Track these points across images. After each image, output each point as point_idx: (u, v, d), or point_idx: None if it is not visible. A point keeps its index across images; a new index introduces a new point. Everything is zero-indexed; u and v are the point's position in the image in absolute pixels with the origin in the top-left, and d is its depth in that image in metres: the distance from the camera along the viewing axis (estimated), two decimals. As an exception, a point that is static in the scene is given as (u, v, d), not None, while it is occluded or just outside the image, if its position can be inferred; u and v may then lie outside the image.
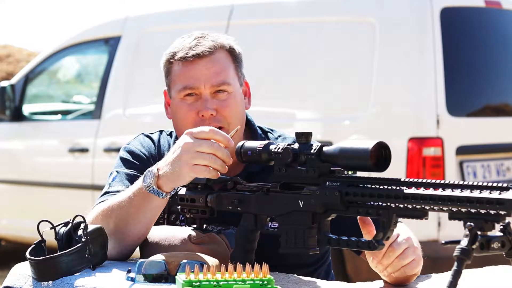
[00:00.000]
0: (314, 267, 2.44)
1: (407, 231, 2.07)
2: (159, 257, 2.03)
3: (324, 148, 1.92)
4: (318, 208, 1.92)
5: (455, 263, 1.55)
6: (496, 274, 2.27)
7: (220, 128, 2.32)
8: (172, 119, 2.46)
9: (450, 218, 1.71)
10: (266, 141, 2.05)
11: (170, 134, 2.54)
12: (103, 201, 2.31)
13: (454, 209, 1.68)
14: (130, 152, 2.47)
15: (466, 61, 5.50)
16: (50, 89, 7.76)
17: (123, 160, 2.46)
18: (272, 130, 2.55)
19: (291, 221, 1.97)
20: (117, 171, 2.43)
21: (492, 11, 5.66)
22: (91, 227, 2.11)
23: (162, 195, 2.14)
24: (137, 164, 2.43)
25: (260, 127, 2.53)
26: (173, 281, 1.94)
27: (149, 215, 2.19)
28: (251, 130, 2.49)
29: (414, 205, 1.74)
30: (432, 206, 1.72)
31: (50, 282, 2.06)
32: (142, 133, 2.55)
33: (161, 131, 2.56)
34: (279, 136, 2.51)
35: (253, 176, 2.33)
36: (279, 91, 5.69)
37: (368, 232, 1.97)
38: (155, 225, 2.30)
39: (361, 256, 2.34)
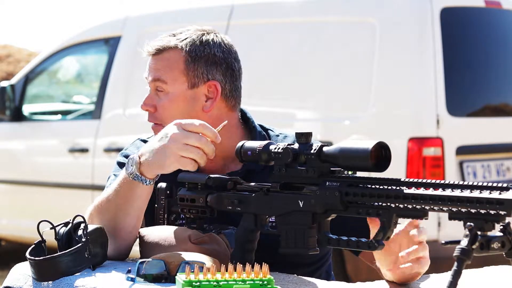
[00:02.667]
0: (315, 267, 2.44)
1: None
2: (159, 257, 2.04)
3: (324, 148, 1.92)
4: (318, 208, 1.92)
5: (455, 263, 1.55)
6: (496, 274, 2.27)
7: (159, 124, 2.36)
8: None
9: (450, 218, 1.71)
10: (266, 141, 2.05)
11: None
12: None
13: (454, 209, 1.68)
14: (127, 157, 2.47)
15: (466, 61, 5.51)
16: (50, 89, 7.76)
17: (120, 164, 2.46)
18: (273, 129, 2.55)
19: (291, 221, 1.97)
20: (114, 175, 2.43)
21: (492, 11, 5.66)
22: (91, 227, 2.12)
23: (145, 182, 2.16)
24: None
25: (261, 125, 2.52)
26: (173, 281, 1.94)
27: (136, 205, 2.20)
28: (249, 128, 2.48)
29: (414, 205, 1.74)
30: (432, 206, 1.72)
31: (50, 282, 2.06)
32: (139, 138, 2.56)
33: None
34: (280, 133, 2.51)
35: (252, 174, 2.33)
36: (279, 91, 5.69)
37: (377, 226, 1.95)
38: (155, 225, 2.30)
39: (359, 256, 2.34)
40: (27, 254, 2.10)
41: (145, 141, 2.53)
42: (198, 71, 2.37)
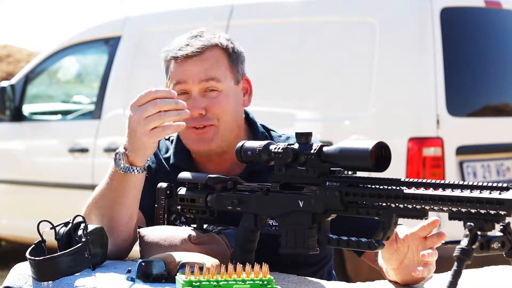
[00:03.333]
0: (316, 267, 2.44)
1: None
2: (159, 257, 2.04)
3: (324, 148, 1.92)
4: (318, 208, 1.92)
5: (455, 263, 1.55)
6: (496, 274, 2.27)
7: (211, 125, 2.35)
8: None
9: (450, 218, 1.71)
10: (266, 141, 2.05)
11: (168, 138, 2.54)
12: None
13: (454, 209, 1.68)
14: None
15: (466, 61, 5.50)
16: (50, 89, 7.76)
17: None
18: (275, 130, 2.55)
19: (291, 221, 1.97)
20: None
21: (492, 11, 5.66)
22: (91, 227, 2.12)
23: (137, 171, 2.18)
24: None
25: (262, 125, 2.53)
26: (173, 281, 1.94)
27: (131, 195, 2.21)
28: (252, 127, 2.49)
29: (414, 205, 1.74)
30: (432, 206, 1.72)
31: (50, 282, 2.06)
32: None
33: None
34: (283, 134, 2.51)
35: (255, 175, 2.33)
36: (279, 91, 5.69)
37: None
38: (155, 225, 2.30)
39: (362, 257, 2.33)
40: (27, 254, 2.10)
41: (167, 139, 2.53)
42: (238, 67, 2.44)
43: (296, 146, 1.97)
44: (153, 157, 2.48)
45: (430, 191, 1.72)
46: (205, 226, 2.24)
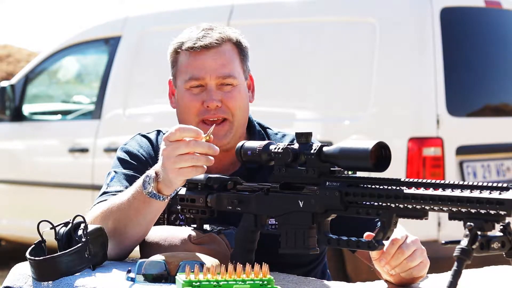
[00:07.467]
0: (311, 267, 2.44)
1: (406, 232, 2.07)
2: (159, 257, 2.04)
3: (324, 148, 1.92)
4: (318, 208, 1.92)
5: (455, 263, 1.55)
6: (496, 274, 2.27)
7: (224, 119, 2.36)
8: (176, 108, 2.47)
9: (450, 218, 1.71)
10: (266, 141, 2.05)
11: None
12: (101, 201, 2.30)
13: (454, 209, 1.68)
14: (127, 152, 2.46)
15: (466, 61, 5.50)
16: (50, 89, 7.76)
17: (121, 160, 2.45)
18: (271, 127, 2.55)
19: (291, 221, 1.97)
20: (115, 171, 2.42)
21: (492, 11, 5.66)
22: (91, 227, 2.11)
23: (162, 198, 2.15)
24: (135, 164, 2.42)
25: (258, 123, 2.54)
26: (173, 281, 1.94)
27: (149, 217, 2.19)
28: (249, 125, 2.50)
29: (414, 205, 1.74)
30: (432, 206, 1.72)
31: (50, 282, 2.06)
32: (139, 133, 2.54)
33: (158, 131, 2.54)
34: (279, 132, 2.52)
35: (252, 173, 2.33)
36: (279, 91, 5.68)
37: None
38: (155, 225, 2.30)
39: (356, 254, 2.33)
40: (27, 254, 2.10)
41: (145, 136, 2.51)
42: (246, 63, 2.46)
43: (296, 146, 1.97)
44: (151, 151, 2.46)
45: (430, 191, 1.72)
46: (205, 226, 2.24)
